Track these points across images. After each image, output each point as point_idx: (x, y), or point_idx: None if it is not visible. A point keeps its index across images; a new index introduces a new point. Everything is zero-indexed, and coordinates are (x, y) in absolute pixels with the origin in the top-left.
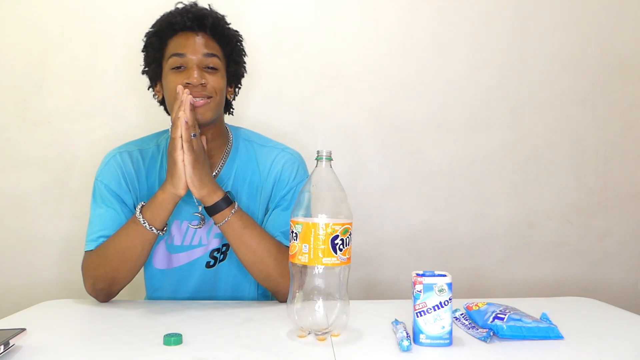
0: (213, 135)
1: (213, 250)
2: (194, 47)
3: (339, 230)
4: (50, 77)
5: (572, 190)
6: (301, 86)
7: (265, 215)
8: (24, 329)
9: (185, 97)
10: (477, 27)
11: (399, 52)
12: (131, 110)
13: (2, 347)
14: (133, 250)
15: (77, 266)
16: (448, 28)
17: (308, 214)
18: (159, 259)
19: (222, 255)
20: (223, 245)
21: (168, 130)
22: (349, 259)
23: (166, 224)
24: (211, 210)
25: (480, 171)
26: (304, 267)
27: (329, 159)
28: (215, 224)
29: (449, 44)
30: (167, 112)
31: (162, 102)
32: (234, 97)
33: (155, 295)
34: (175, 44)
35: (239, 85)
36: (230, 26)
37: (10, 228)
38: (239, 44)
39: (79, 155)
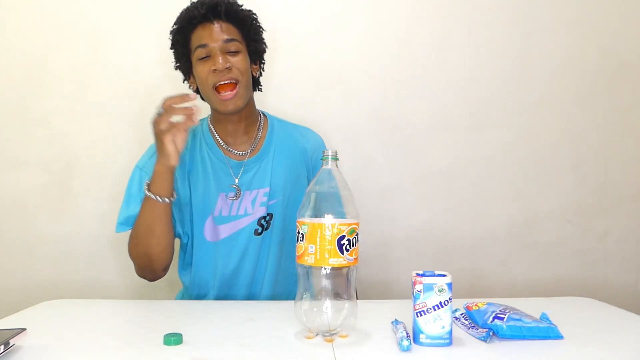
0: (247, 113)
1: (260, 218)
2: (214, 36)
3: (345, 230)
4: (50, 77)
5: (572, 190)
6: (302, 86)
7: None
8: (24, 329)
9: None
10: (478, 27)
11: (399, 52)
12: (131, 110)
13: (2, 347)
14: (155, 224)
15: (77, 266)
16: (448, 28)
17: (314, 215)
18: (208, 232)
19: (266, 224)
20: (268, 214)
21: (202, 118)
22: (356, 259)
23: (174, 191)
24: None
25: (480, 171)
26: (311, 267)
27: (335, 158)
28: None
29: (450, 44)
30: (202, 99)
31: (197, 91)
32: (260, 73)
33: (200, 268)
34: (198, 37)
35: (263, 61)
36: (243, 7)
37: (10, 228)
38: (254, 22)
39: (79, 155)
